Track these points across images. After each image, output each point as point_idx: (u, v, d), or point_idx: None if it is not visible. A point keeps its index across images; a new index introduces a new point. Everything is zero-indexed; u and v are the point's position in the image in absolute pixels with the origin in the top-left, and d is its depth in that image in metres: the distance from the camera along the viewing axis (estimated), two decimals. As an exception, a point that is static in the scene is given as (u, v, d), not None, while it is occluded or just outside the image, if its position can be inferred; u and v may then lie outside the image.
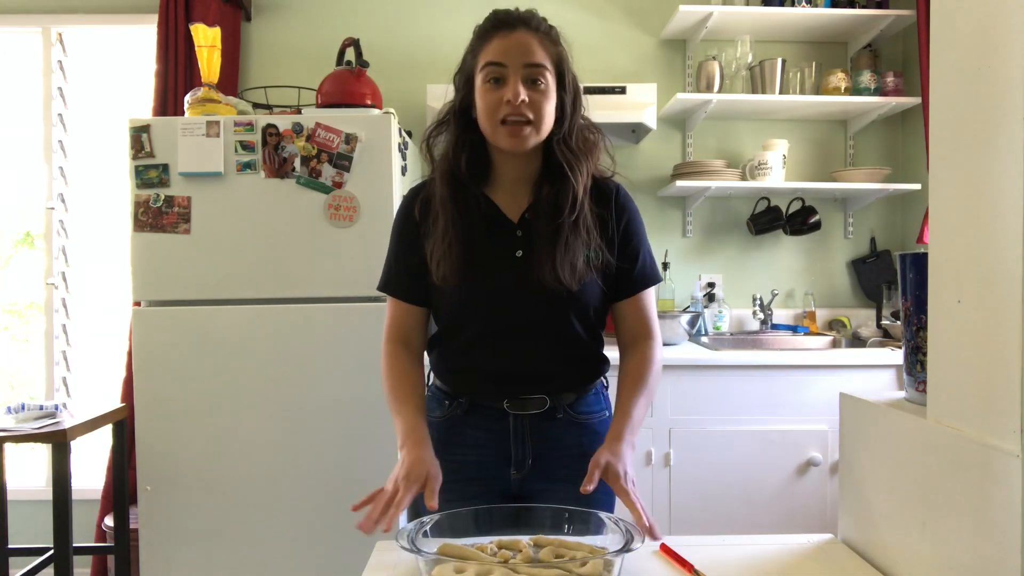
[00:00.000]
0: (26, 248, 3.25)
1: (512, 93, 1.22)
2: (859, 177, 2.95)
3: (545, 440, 1.36)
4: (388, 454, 2.28)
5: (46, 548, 2.45)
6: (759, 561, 1.09)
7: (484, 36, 1.27)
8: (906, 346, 1.06)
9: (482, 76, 1.25)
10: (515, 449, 1.36)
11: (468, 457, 1.37)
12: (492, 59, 1.24)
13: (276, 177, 2.28)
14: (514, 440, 1.35)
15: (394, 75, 3.01)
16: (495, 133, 1.26)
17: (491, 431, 1.36)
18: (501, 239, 1.32)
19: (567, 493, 1.24)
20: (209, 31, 2.40)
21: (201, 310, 2.30)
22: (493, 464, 1.37)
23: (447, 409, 1.39)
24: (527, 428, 1.35)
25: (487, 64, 1.24)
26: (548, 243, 1.28)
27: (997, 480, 0.78)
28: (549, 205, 1.29)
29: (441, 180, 1.31)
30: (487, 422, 1.36)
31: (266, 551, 2.31)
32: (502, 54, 1.24)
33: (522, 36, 1.24)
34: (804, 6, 2.92)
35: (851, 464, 1.14)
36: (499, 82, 1.24)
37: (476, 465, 1.37)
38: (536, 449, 1.36)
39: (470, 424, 1.37)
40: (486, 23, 1.28)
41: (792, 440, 2.49)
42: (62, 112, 3.11)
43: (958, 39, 0.86)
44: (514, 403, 1.35)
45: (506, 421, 1.35)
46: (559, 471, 1.35)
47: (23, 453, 3.16)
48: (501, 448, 1.36)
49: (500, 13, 1.27)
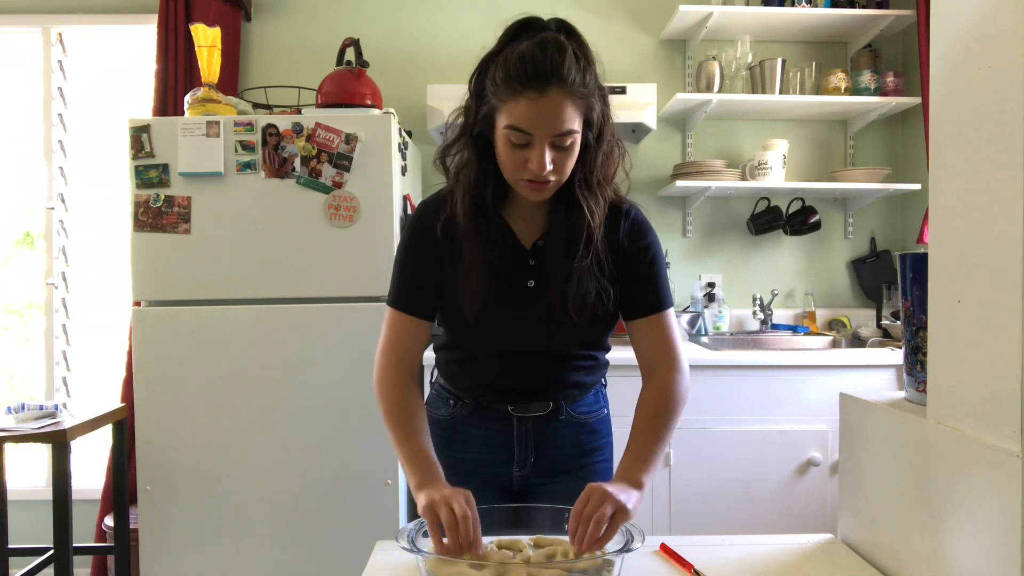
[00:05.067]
0: (26, 248, 3.25)
1: (538, 165, 1.14)
2: (859, 177, 2.95)
3: (546, 439, 1.38)
4: (387, 454, 2.28)
5: (46, 548, 2.44)
6: (759, 561, 1.09)
7: (511, 88, 1.12)
8: (906, 346, 1.06)
9: (505, 134, 1.15)
10: (518, 449, 1.38)
11: (471, 455, 1.39)
12: (518, 125, 1.13)
13: (276, 177, 2.28)
14: (517, 440, 1.38)
15: (394, 75, 3.01)
16: (515, 184, 1.21)
17: (495, 431, 1.38)
18: (515, 266, 1.30)
19: (565, 487, 1.27)
20: (209, 31, 2.40)
21: (201, 310, 2.30)
22: (496, 462, 1.39)
23: (452, 408, 1.41)
24: (530, 429, 1.38)
25: (512, 127, 1.13)
26: (561, 278, 1.25)
27: (997, 480, 0.78)
28: (563, 237, 1.25)
29: (466, 214, 1.25)
30: (492, 423, 1.38)
31: (266, 551, 2.31)
32: (530, 123, 1.12)
33: (554, 99, 1.11)
34: (804, 6, 2.92)
35: (851, 464, 1.14)
36: (524, 147, 1.15)
37: (479, 462, 1.39)
38: (538, 448, 1.38)
39: (475, 424, 1.39)
40: (516, 69, 1.12)
41: (792, 440, 2.49)
42: (62, 112, 3.11)
43: (958, 39, 0.86)
44: (519, 407, 1.37)
45: (510, 423, 1.37)
46: (558, 466, 1.39)
47: (23, 453, 3.16)
48: (505, 447, 1.38)
49: (530, 63, 1.11)
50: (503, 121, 1.15)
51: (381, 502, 2.29)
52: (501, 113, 1.15)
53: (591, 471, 1.41)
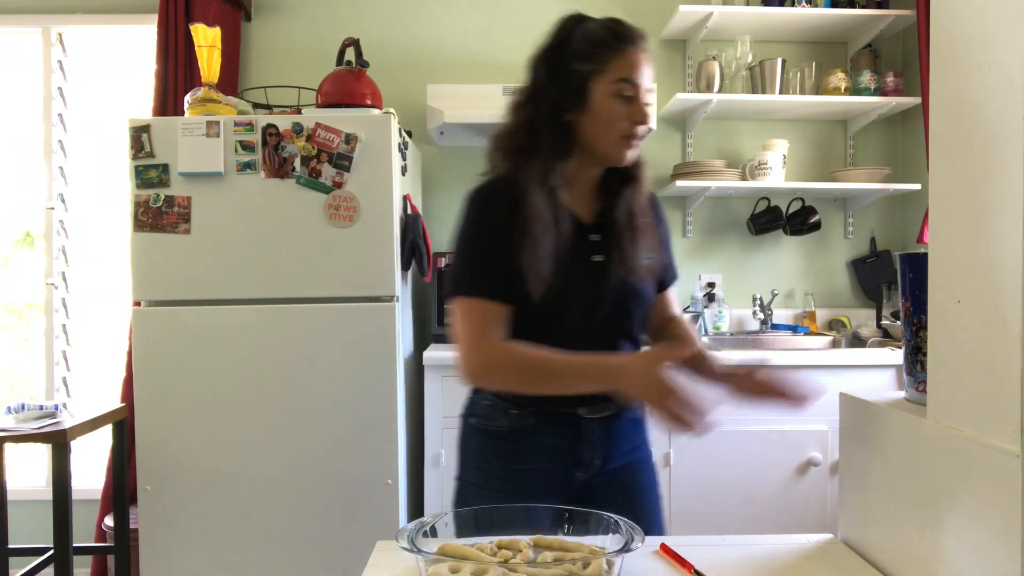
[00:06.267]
0: (26, 248, 3.25)
1: (642, 116, 1.26)
2: (859, 177, 2.95)
3: (611, 439, 1.38)
4: (387, 454, 2.28)
5: (46, 548, 2.44)
6: (759, 561, 1.09)
7: (615, 48, 1.25)
8: (906, 346, 1.06)
9: (613, 88, 1.25)
10: (587, 452, 1.35)
11: (537, 465, 1.34)
12: (630, 76, 1.25)
13: (276, 177, 2.28)
14: (587, 444, 1.35)
15: (394, 75, 3.01)
16: (613, 145, 1.28)
17: (564, 437, 1.35)
18: (580, 244, 1.31)
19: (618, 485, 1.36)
20: (209, 31, 2.40)
21: (201, 310, 2.30)
22: (562, 469, 1.36)
23: (515, 419, 1.34)
24: (597, 431, 1.36)
25: (623, 80, 1.25)
26: (626, 245, 1.32)
27: (997, 480, 0.78)
28: (625, 209, 1.34)
29: (537, 194, 1.26)
30: (560, 428, 1.34)
31: (266, 551, 2.31)
32: (639, 73, 1.26)
33: (646, 55, 1.28)
34: (804, 6, 2.92)
35: (851, 464, 1.14)
36: (629, 100, 1.26)
37: (547, 472, 1.35)
38: (604, 449, 1.37)
39: (542, 431, 1.34)
40: (609, 34, 1.26)
41: (792, 440, 2.49)
42: (62, 112, 3.11)
43: (958, 39, 0.86)
44: (590, 407, 1.34)
45: (579, 427, 1.34)
46: (613, 464, 1.39)
47: (23, 453, 3.16)
48: (572, 453, 1.35)
49: (621, 27, 1.27)
50: (611, 77, 1.25)
51: (381, 502, 2.28)
52: (605, 74, 1.25)
53: (637, 466, 1.42)
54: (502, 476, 1.22)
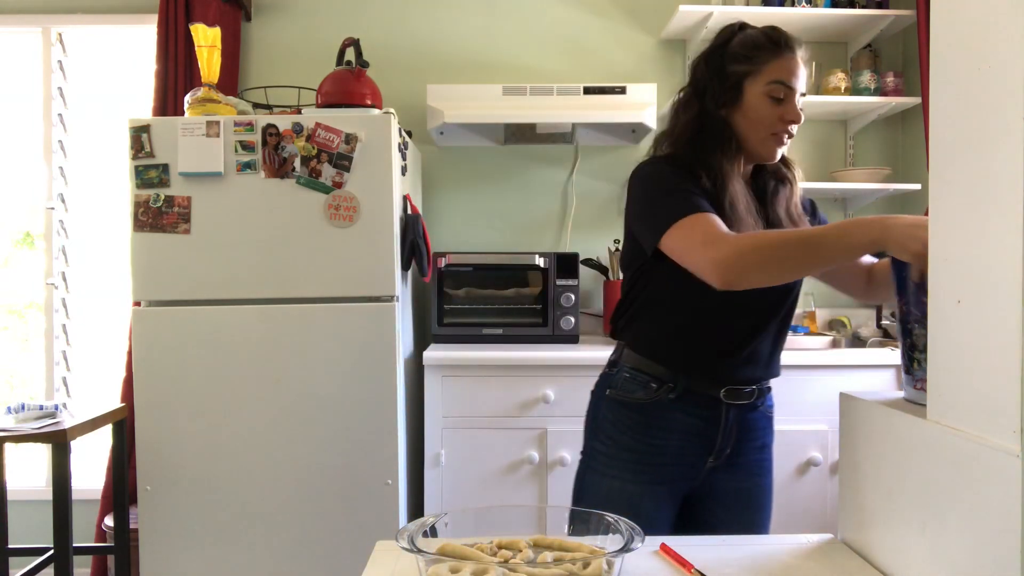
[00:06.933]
0: (26, 248, 3.25)
1: (795, 115, 1.36)
2: (859, 177, 2.95)
3: (744, 429, 1.40)
4: (387, 454, 2.28)
5: (46, 548, 2.44)
6: (759, 561, 1.09)
7: (772, 51, 1.35)
8: (902, 344, 1.06)
9: (767, 89, 1.35)
10: (721, 438, 1.38)
11: (671, 442, 1.37)
12: (783, 79, 1.35)
13: (276, 177, 2.28)
14: (723, 430, 1.38)
15: (394, 75, 3.01)
16: (762, 142, 1.36)
17: (702, 419, 1.38)
18: None
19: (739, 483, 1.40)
20: (209, 31, 2.40)
21: (201, 310, 2.30)
22: (694, 451, 1.38)
23: (654, 392, 1.37)
24: (734, 418, 1.38)
25: (776, 82, 1.35)
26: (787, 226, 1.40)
27: (997, 480, 0.77)
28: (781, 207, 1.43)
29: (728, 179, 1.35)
30: (699, 409, 1.37)
31: (266, 551, 2.31)
32: (792, 77, 1.35)
33: (800, 62, 1.37)
34: (804, 6, 2.92)
35: (851, 464, 1.14)
36: (781, 100, 1.35)
37: (677, 450, 1.38)
38: (736, 438, 1.39)
39: (680, 409, 1.37)
40: (768, 40, 1.37)
41: (792, 440, 2.48)
42: (62, 112, 3.11)
43: (958, 39, 0.86)
44: (731, 392, 1.37)
45: (718, 409, 1.37)
46: (739, 458, 1.41)
47: (23, 453, 3.16)
48: (707, 436, 1.38)
49: (779, 35, 1.38)
50: (766, 78, 1.34)
51: (381, 502, 2.28)
52: (761, 75, 1.35)
53: (759, 467, 1.44)
54: (632, 448, 1.27)
